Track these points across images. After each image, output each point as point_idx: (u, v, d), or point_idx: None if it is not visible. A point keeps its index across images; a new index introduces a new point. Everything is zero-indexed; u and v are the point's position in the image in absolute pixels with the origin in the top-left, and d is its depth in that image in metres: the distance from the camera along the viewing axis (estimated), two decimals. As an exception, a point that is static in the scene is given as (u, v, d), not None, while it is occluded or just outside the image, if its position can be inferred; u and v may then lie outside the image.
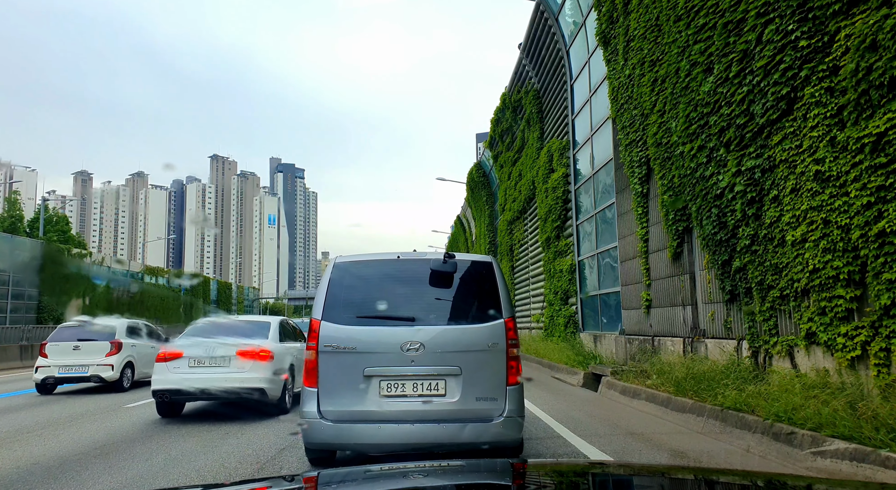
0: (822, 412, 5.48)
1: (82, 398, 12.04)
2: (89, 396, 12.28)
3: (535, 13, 19.69)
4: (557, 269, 19.05)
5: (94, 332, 13.24)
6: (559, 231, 19.16)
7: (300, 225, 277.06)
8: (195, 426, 8.40)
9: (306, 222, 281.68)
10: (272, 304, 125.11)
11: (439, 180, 44.39)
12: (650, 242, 11.86)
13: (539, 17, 19.51)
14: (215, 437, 7.54)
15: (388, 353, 5.11)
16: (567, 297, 18.57)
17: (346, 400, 5.09)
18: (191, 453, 6.65)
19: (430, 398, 5.07)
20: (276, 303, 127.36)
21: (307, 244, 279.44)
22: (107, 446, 7.13)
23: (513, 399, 5.15)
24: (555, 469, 2.46)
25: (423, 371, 5.10)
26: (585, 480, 2.13)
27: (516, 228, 27.51)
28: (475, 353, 5.19)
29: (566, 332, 18.06)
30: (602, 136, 15.54)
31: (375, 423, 5.04)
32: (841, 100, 6.17)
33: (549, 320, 19.95)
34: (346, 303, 5.39)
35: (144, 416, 9.50)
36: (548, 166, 20.13)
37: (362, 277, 5.59)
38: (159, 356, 9.15)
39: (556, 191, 18.87)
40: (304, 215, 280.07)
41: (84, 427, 8.57)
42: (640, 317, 12.47)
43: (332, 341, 5.18)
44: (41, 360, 12.75)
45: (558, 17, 18.15)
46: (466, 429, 5.02)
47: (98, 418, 9.36)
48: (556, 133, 19.90)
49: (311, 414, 5.09)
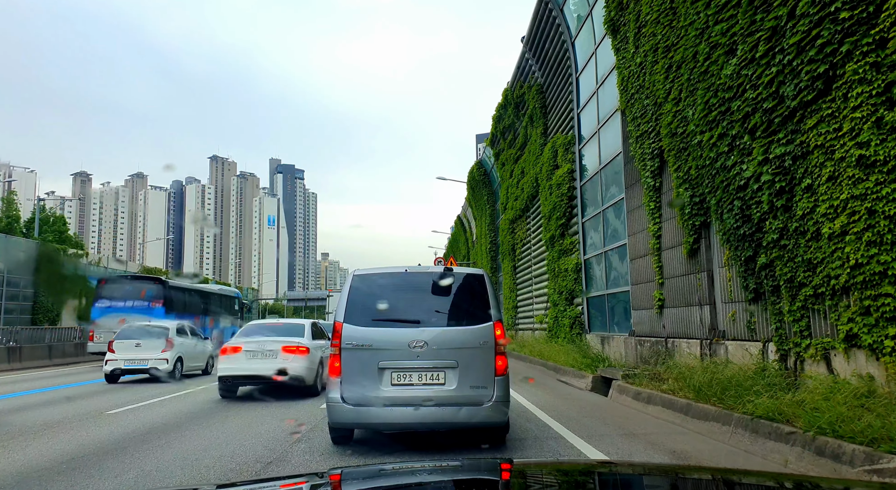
0: (875, 425, 4.86)
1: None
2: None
3: (538, 5, 19.07)
4: (562, 269, 18.43)
5: (152, 332, 15.59)
6: (564, 229, 18.54)
7: (300, 226, 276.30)
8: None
9: (306, 223, 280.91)
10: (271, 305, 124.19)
11: (440, 179, 43.83)
12: (663, 239, 11.25)
13: (543, 8, 18.90)
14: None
15: (398, 349, 6.07)
16: (572, 297, 17.96)
17: (364, 388, 6.05)
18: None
19: (432, 386, 6.04)
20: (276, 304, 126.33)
21: (307, 245, 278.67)
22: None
23: (500, 387, 6.11)
24: (555, 468, 2.55)
25: (427, 364, 6.06)
26: (587, 480, 2.14)
27: (518, 227, 26.90)
28: (469, 350, 6.13)
29: (572, 333, 17.44)
30: (610, 129, 14.93)
31: (388, 407, 6.01)
32: (890, 76, 5.55)
33: (554, 321, 19.33)
34: (364, 308, 6.33)
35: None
36: (552, 163, 19.52)
37: (376, 287, 6.58)
38: (223, 350, 11.50)
39: (561, 187, 18.25)
40: (303, 216, 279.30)
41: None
42: (652, 317, 11.85)
43: (352, 340, 6.15)
44: (109, 354, 15.08)
45: (563, 8, 17.54)
46: (462, 411, 5.99)
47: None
48: (561, 128, 19.29)
49: (336, 399, 6.09)
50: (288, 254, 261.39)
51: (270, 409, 10.03)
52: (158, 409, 10.40)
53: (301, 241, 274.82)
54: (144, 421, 8.94)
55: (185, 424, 8.59)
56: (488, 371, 6.14)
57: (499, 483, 2.04)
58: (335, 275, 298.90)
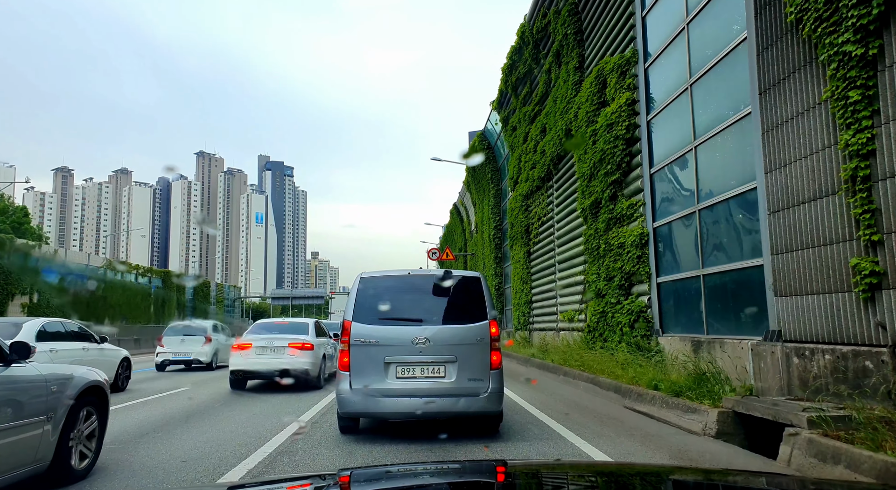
0: None
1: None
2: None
3: None
4: (614, 245, 13.08)
5: (194, 330, 18.51)
6: (617, 188, 13.17)
7: (289, 224, 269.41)
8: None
9: (295, 221, 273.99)
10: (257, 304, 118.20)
11: (434, 160, 38.39)
12: (881, 157, 5.91)
13: None
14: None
15: (402, 345, 6.55)
16: (630, 283, 12.61)
17: (371, 380, 6.50)
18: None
19: (434, 379, 6.51)
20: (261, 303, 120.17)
21: (296, 243, 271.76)
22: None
23: (495, 379, 6.61)
24: (556, 468, 2.64)
25: (429, 359, 6.52)
26: (588, 480, 2.15)
27: (536, 203, 21.53)
28: (467, 346, 6.61)
29: (632, 334, 12.10)
30: (709, 18, 9.61)
31: (393, 397, 6.46)
32: None
33: (598, 318, 13.97)
34: (370, 308, 6.78)
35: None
36: (595, 99, 14.16)
37: (382, 288, 7.02)
38: (234, 347, 12.54)
39: (614, 128, 12.88)
40: (293, 214, 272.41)
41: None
42: (842, 307, 6.50)
43: (360, 337, 6.62)
44: (160, 348, 18.04)
45: None
46: (460, 402, 6.46)
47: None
48: (609, 50, 13.92)
49: (345, 390, 6.56)
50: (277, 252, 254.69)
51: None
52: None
53: (290, 239, 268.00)
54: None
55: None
56: (485, 365, 6.58)
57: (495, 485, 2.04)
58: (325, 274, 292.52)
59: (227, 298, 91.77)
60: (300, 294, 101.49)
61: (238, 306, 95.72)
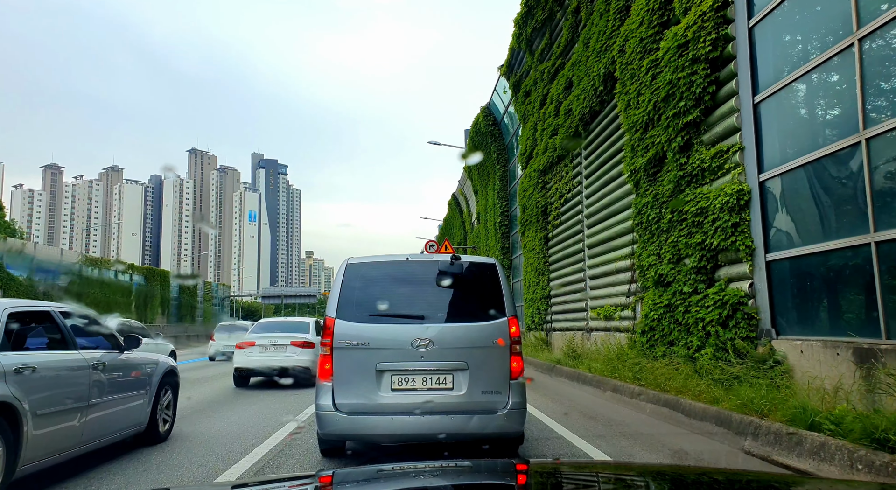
0: None
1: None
2: None
3: None
4: (689, 212, 9.39)
5: (238, 327, 22.30)
6: (693, 133, 9.47)
7: (283, 222, 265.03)
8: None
9: (289, 220, 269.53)
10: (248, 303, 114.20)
11: (432, 144, 34.64)
12: None
13: None
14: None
15: (399, 348, 5.21)
16: (716, 264, 8.93)
17: (360, 393, 5.20)
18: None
19: (439, 391, 5.17)
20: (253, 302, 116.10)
21: (290, 242, 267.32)
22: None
23: (516, 392, 5.26)
24: (556, 468, 2.48)
25: (432, 366, 5.19)
26: (589, 480, 2.09)
27: (556, 177, 17.84)
28: (480, 350, 5.28)
29: (725, 335, 8.39)
30: None
31: (387, 415, 5.14)
32: None
33: (661, 313, 10.27)
34: (359, 302, 5.48)
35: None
36: (655, 19, 10.47)
37: (373, 278, 5.70)
38: (238, 345, 12.89)
39: (693, 47, 9.15)
40: (286, 212, 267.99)
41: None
42: None
43: (346, 338, 5.31)
44: (211, 342, 22.79)
45: None
46: (473, 420, 5.14)
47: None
48: (677, -51, 10.21)
49: (326, 407, 5.19)
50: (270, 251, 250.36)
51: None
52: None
53: (284, 238, 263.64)
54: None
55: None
56: (503, 374, 5.28)
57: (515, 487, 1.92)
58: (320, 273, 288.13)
59: (216, 297, 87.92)
60: (292, 293, 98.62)
61: (228, 305, 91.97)
